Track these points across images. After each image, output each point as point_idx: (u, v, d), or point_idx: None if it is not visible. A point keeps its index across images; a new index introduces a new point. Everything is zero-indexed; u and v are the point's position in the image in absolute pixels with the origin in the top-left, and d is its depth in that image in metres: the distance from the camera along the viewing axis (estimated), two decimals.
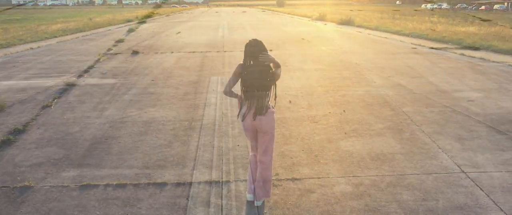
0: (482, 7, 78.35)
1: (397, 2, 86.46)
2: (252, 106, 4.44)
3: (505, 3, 77.93)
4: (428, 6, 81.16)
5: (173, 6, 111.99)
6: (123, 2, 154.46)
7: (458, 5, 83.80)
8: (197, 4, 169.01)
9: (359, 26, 29.94)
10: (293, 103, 8.79)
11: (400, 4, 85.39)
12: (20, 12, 77.76)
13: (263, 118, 4.45)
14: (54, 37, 23.81)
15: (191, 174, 5.44)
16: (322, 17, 40.14)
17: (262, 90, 4.43)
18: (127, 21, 39.67)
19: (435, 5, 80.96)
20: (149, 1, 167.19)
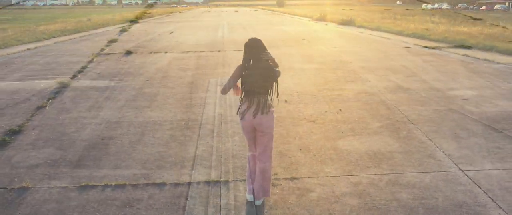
0: (483, 7, 78.05)
1: (397, 2, 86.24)
2: (252, 104, 4.42)
3: (506, 3, 77.72)
4: (429, 6, 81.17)
5: (173, 6, 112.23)
6: (123, 2, 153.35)
7: (459, 5, 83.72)
8: (197, 4, 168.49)
9: (360, 26, 29.73)
10: (289, 102, 8.80)
11: (400, 4, 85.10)
12: (18, 11, 77.29)
13: (263, 117, 4.44)
14: (52, 38, 23.54)
15: (189, 174, 5.42)
16: (322, 17, 40.02)
17: (263, 89, 4.42)
18: (126, 22, 39.20)
19: (436, 5, 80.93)
20: (149, 1, 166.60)
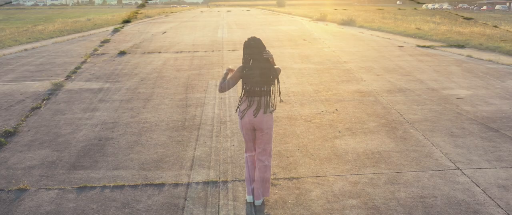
0: (484, 7, 77.71)
1: (397, 2, 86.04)
2: (253, 104, 4.41)
3: (507, 3, 77.33)
4: (429, 6, 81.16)
5: (173, 6, 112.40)
6: (123, 2, 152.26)
7: (460, 5, 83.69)
8: (197, 4, 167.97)
9: (361, 26, 29.52)
10: (286, 102, 8.80)
11: (400, 4, 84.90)
12: (12, 11, 76.49)
13: (264, 117, 4.44)
14: (50, 38, 23.29)
15: (188, 175, 5.41)
16: (323, 18, 39.90)
17: (264, 88, 4.41)
18: (125, 22, 38.75)
19: (436, 5, 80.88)
20: (149, 1, 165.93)
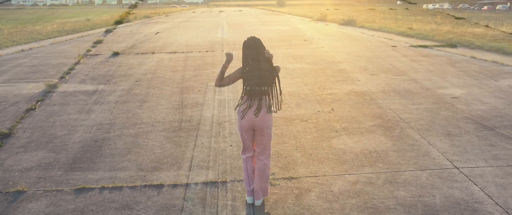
0: (485, 7, 77.48)
1: (398, 2, 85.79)
2: (253, 103, 4.40)
3: (508, 3, 77.13)
4: (429, 6, 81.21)
5: (172, 6, 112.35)
6: (123, 2, 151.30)
7: (460, 5, 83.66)
8: (197, 4, 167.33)
9: (362, 26, 29.34)
10: (283, 102, 8.80)
11: (401, 4, 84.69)
12: (4, 12, 75.79)
13: (265, 116, 4.44)
14: (48, 38, 23.04)
15: (187, 175, 5.40)
16: (323, 18, 39.84)
17: (265, 88, 4.41)
18: (125, 22, 38.39)
19: (437, 5, 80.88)
20: (149, 1, 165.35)
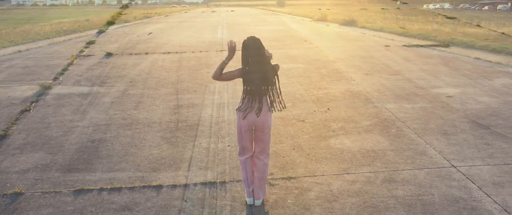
0: (485, 7, 77.11)
1: (398, 2, 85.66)
2: (255, 104, 4.40)
3: (509, 3, 76.82)
4: (430, 6, 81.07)
5: (172, 6, 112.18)
6: (123, 2, 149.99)
7: (461, 5, 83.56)
8: (197, 4, 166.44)
9: (363, 27, 29.12)
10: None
11: (400, 4, 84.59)
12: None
13: (267, 116, 4.44)
14: (46, 39, 22.74)
15: (186, 176, 5.39)
16: (323, 18, 39.75)
17: (266, 87, 4.41)
18: (124, 22, 37.93)
19: (438, 5, 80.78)
20: (149, 1, 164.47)
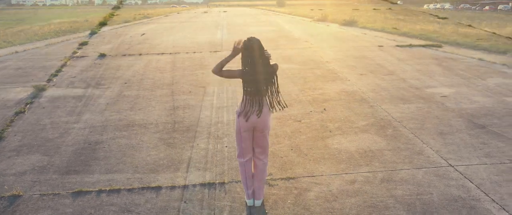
0: (486, 7, 76.67)
1: (398, 2, 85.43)
2: (255, 104, 4.40)
3: (510, 3, 76.28)
4: (431, 6, 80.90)
5: (172, 6, 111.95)
6: (123, 2, 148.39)
7: (462, 5, 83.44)
8: (197, 4, 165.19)
9: (364, 27, 28.92)
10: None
11: (401, 4, 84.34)
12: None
13: (267, 116, 4.45)
14: (44, 39, 22.51)
15: (184, 177, 5.38)
16: (324, 18, 39.69)
17: (265, 87, 4.41)
18: (123, 22, 37.52)
19: (438, 5, 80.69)
20: (149, 1, 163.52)
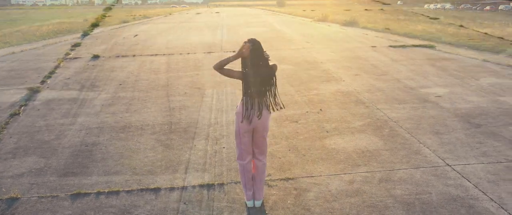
0: (487, 7, 76.54)
1: (398, 3, 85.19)
2: (255, 105, 4.40)
3: (510, 3, 76.48)
4: (431, 6, 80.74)
5: (172, 6, 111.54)
6: (123, 2, 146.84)
7: (462, 5, 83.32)
8: (197, 4, 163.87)
9: (365, 27, 28.79)
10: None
11: (401, 4, 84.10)
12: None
13: (267, 117, 4.46)
14: (42, 40, 22.25)
15: (183, 178, 5.37)
16: (324, 18, 39.63)
17: (266, 88, 4.42)
18: (122, 22, 37.20)
19: (439, 5, 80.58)
20: (149, 1, 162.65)
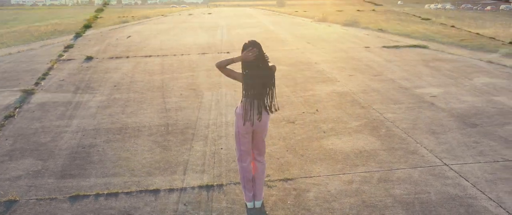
0: (488, 7, 76.27)
1: (398, 3, 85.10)
2: (254, 107, 4.40)
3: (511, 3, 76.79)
4: (432, 6, 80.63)
5: (172, 6, 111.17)
6: (123, 2, 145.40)
7: (463, 5, 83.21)
8: (197, 4, 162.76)
9: (366, 28, 28.62)
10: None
11: (402, 4, 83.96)
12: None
13: (266, 118, 4.46)
14: (41, 40, 22.01)
15: (182, 180, 5.36)
16: (325, 18, 39.54)
17: (265, 89, 4.43)
18: (122, 22, 36.91)
19: (439, 6, 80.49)
20: (149, 1, 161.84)
